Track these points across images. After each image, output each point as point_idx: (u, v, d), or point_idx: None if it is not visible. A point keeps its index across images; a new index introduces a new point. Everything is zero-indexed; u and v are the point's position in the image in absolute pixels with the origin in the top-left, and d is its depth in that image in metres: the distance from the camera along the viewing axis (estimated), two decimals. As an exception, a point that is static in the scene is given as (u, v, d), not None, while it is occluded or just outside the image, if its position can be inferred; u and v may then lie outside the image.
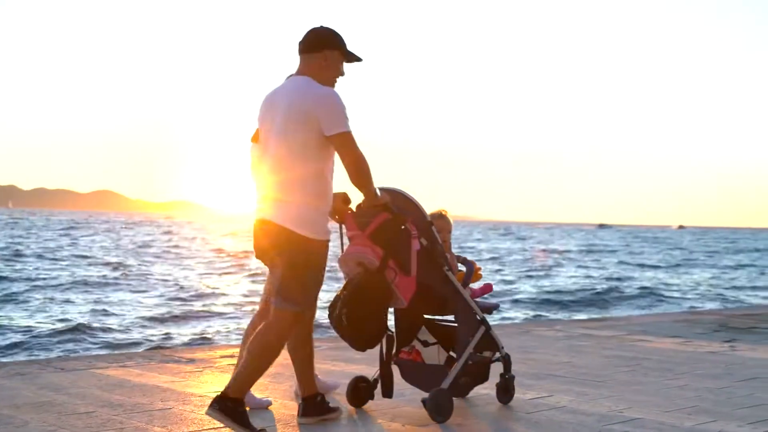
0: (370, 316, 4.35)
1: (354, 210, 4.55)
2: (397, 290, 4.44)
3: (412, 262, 4.45)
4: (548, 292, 24.05)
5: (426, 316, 5.02)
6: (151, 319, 15.94)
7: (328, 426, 4.39)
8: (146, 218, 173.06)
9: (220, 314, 17.10)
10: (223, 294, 21.20)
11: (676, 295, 25.27)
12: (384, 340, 4.72)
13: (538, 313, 18.96)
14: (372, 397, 4.88)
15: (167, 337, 13.68)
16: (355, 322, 4.31)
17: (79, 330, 13.78)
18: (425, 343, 4.97)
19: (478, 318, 4.75)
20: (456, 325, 4.77)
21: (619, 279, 30.43)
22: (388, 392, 4.81)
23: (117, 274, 25.75)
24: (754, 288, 29.14)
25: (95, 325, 14.50)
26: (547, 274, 32.40)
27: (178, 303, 18.73)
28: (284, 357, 6.69)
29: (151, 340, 13.24)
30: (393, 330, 4.84)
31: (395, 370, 4.88)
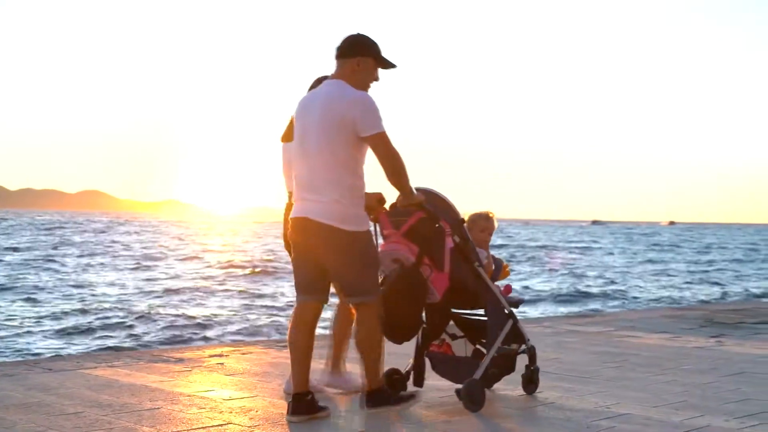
0: (407, 310, 4.55)
1: (388, 209, 4.73)
2: (432, 285, 4.65)
3: (445, 258, 4.65)
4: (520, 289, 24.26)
5: (454, 310, 5.17)
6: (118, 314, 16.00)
7: (315, 424, 4.39)
8: (133, 217, 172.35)
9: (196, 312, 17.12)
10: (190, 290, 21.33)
11: (641, 291, 25.43)
12: (419, 333, 4.92)
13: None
14: (405, 389, 5.00)
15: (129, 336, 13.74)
16: (393, 317, 4.50)
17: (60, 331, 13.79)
18: (453, 336, 5.14)
19: (506, 312, 4.93)
20: (483, 318, 4.96)
21: (586, 275, 30.80)
22: (420, 382, 5.06)
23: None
24: (708, 283, 29.34)
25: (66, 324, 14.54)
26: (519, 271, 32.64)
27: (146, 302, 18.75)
28: (272, 356, 6.70)
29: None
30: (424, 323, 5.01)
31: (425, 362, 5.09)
